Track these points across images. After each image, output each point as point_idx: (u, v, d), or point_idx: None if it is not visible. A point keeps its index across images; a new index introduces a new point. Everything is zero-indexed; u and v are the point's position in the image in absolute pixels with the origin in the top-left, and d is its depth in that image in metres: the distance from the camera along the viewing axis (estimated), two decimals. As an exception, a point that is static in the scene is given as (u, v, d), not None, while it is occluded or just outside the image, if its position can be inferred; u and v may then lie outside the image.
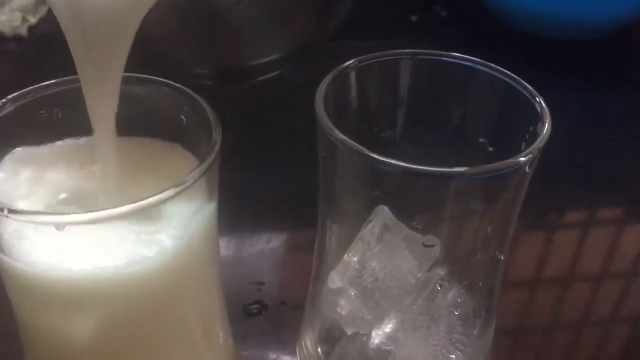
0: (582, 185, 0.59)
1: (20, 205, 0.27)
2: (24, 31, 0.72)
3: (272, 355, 0.43)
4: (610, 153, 0.63)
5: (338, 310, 0.34)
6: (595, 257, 0.51)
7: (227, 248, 0.50)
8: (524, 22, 0.74)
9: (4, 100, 0.29)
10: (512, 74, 0.32)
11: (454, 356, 0.31)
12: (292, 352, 0.41)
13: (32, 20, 0.73)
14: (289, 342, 0.42)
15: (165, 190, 0.25)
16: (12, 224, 0.25)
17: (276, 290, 0.48)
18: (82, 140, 0.31)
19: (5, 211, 0.24)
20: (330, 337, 0.36)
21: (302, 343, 0.40)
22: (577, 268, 0.50)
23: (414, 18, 0.79)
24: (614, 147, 0.64)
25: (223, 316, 0.35)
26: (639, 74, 0.74)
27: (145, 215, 0.26)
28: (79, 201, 0.28)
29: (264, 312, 0.46)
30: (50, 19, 0.75)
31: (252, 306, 0.46)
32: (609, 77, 0.73)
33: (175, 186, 0.25)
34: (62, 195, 0.29)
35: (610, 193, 0.58)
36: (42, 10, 0.75)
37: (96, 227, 0.25)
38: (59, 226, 0.24)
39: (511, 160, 0.27)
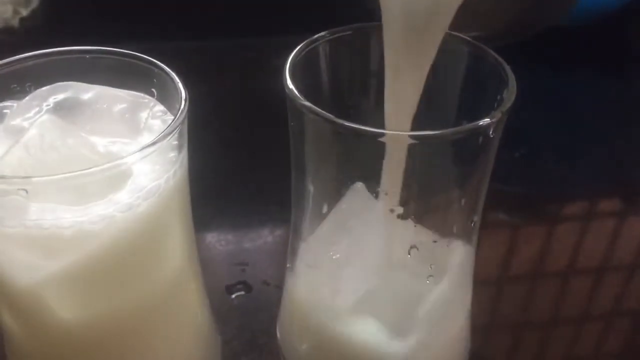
0: (580, 175, 0.59)
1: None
2: (15, 23, 0.73)
3: (255, 334, 0.43)
4: (609, 141, 0.63)
5: (312, 286, 0.34)
6: (595, 250, 0.51)
7: (212, 230, 0.51)
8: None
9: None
10: (479, 44, 0.32)
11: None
12: (274, 329, 0.42)
13: (24, 12, 0.74)
14: (271, 320, 0.42)
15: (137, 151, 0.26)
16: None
17: (260, 271, 0.48)
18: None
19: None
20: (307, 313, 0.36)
21: (282, 321, 0.40)
22: (578, 261, 0.50)
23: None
24: (613, 134, 0.64)
25: (198, 283, 0.35)
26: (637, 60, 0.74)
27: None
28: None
29: (247, 292, 0.46)
30: (41, 11, 0.76)
31: (236, 286, 0.47)
32: (599, 65, 0.73)
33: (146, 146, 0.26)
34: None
35: (609, 183, 0.58)
36: (34, 3, 0.75)
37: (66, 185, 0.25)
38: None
39: (474, 124, 0.28)
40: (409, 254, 0.31)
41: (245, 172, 0.57)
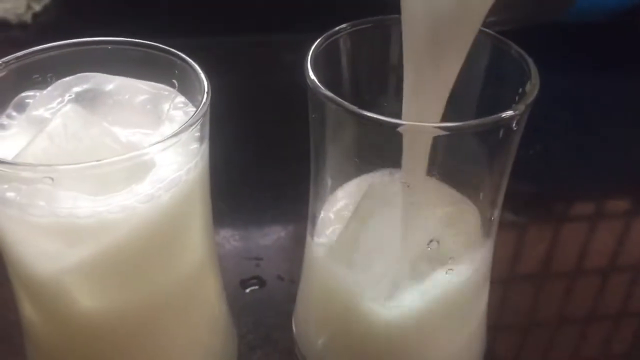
0: (590, 175, 0.59)
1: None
2: (28, 18, 0.73)
3: (270, 328, 0.43)
4: (622, 141, 0.63)
5: (331, 276, 0.34)
6: (602, 250, 0.50)
7: (227, 225, 0.51)
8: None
9: (-1, 62, 0.30)
10: (501, 37, 0.32)
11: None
12: (289, 323, 0.42)
13: (37, 7, 0.74)
14: (286, 314, 0.43)
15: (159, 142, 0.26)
16: (7, 174, 0.26)
17: (274, 266, 0.48)
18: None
19: None
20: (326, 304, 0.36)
21: (298, 315, 0.40)
22: (584, 261, 0.50)
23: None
24: (623, 134, 0.64)
25: (216, 276, 0.35)
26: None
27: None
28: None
29: (261, 286, 0.46)
30: (53, 6, 0.76)
31: (250, 281, 0.47)
32: (618, 63, 0.73)
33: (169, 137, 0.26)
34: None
35: (619, 183, 0.58)
36: (46, -2, 0.75)
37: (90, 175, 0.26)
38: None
39: (497, 116, 0.28)
40: (429, 246, 0.31)
41: (259, 167, 0.57)
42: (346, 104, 0.28)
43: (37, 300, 0.30)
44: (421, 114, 0.30)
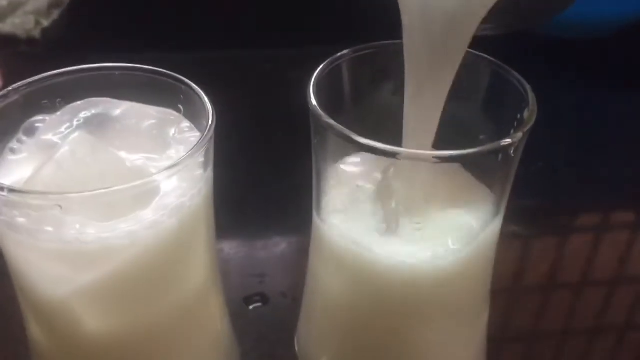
0: (594, 189, 0.59)
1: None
2: (37, 34, 0.74)
3: (273, 345, 0.44)
4: (622, 155, 0.63)
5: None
6: (608, 263, 0.51)
7: (231, 242, 0.51)
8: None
9: (9, 88, 0.31)
10: (501, 63, 0.33)
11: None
12: (292, 341, 0.42)
13: (45, 23, 0.75)
14: (289, 331, 0.43)
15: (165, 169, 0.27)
16: (17, 202, 0.26)
17: (278, 283, 0.48)
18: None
19: (5, 191, 0.25)
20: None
21: (301, 332, 0.41)
22: (590, 273, 0.50)
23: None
24: (626, 148, 0.64)
25: (219, 296, 0.36)
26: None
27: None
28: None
29: (265, 303, 0.47)
30: (62, 22, 0.77)
31: (254, 297, 0.47)
32: (620, 77, 0.73)
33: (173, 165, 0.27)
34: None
35: (623, 197, 0.58)
36: (55, 14, 0.76)
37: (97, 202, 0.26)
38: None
39: (495, 144, 0.28)
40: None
41: (262, 183, 0.57)
42: (347, 131, 0.29)
43: (44, 322, 0.31)
44: (419, 139, 0.30)
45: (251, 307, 0.47)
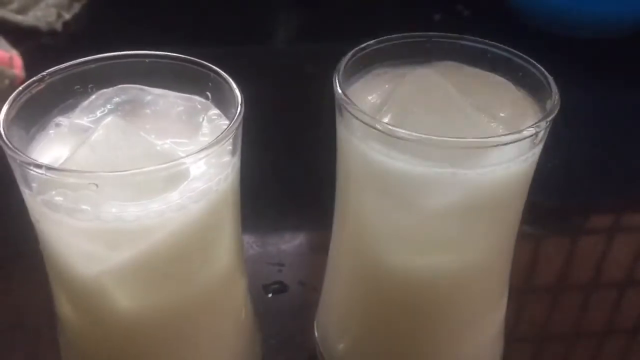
0: (609, 188, 0.59)
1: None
2: (58, 26, 0.75)
3: (292, 332, 0.45)
4: (636, 153, 0.64)
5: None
6: (619, 264, 0.51)
7: (250, 231, 0.52)
8: (546, 22, 0.75)
9: (44, 73, 0.32)
10: (524, 55, 0.33)
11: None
12: (311, 327, 0.43)
13: (67, 16, 0.76)
14: (308, 318, 0.44)
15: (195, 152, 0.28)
16: (54, 181, 0.27)
17: (296, 272, 0.49)
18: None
19: (43, 169, 0.26)
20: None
21: (320, 317, 0.42)
22: (601, 274, 0.50)
23: (437, 17, 0.81)
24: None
25: (244, 281, 0.36)
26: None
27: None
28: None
29: (283, 291, 0.48)
30: (83, 15, 0.78)
31: (272, 286, 0.48)
32: (633, 77, 0.73)
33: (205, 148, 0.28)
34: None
35: (637, 197, 0.59)
36: (76, 7, 0.78)
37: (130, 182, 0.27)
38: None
39: (519, 132, 0.29)
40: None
41: (282, 174, 0.58)
42: (374, 117, 0.30)
43: (76, 300, 0.32)
44: None
45: (270, 295, 0.47)
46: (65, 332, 0.34)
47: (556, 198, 0.57)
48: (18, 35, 0.70)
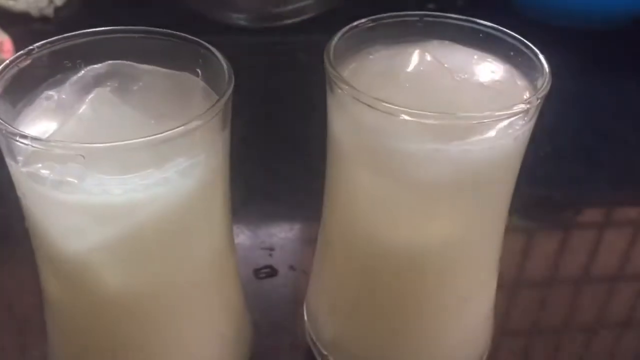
0: (600, 178, 0.59)
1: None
2: (50, 12, 0.75)
3: (282, 316, 0.45)
4: (631, 145, 0.64)
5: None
6: (610, 258, 0.51)
7: (241, 216, 0.52)
8: (539, 12, 0.75)
9: (32, 46, 0.31)
10: (516, 35, 0.33)
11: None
12: (301, 312, 0.43)
13: (58, 2, 0.76)
14: (298, 303, 0.44)
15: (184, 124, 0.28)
16: (41, 153, 0.27)
17: (286, 256, 0.49)
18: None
19: (29, 140, 0.26)
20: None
21: (310, 301, 0.41)
22: (592, 269, 0.50)
23: (430, 6, 0.81)
24: (635, 138, 0.64)
25: (233, 263, 0.36)
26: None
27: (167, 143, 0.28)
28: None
29: (273, 275, 0.48)
30: (75, 1, 0.78)
31: (263, 270, 0.48)
32: (626, 68, 0.73)
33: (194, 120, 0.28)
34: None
35: (630, 187, 0.59)
36: (68, -7, 0.77)
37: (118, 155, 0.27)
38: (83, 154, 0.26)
39: (511, 108, 0.29)
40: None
41: (274, 160, 0.58)
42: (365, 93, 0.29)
43: (63, 278, 0.31)
44: None
45: (260, 279, 0.47)
46: (52, 312, 0.34)
47: (547, 188, 0.57)
48: (9, 21, 0.69)
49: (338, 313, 0.38)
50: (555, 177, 0.59)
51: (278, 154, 0.59)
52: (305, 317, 0.42)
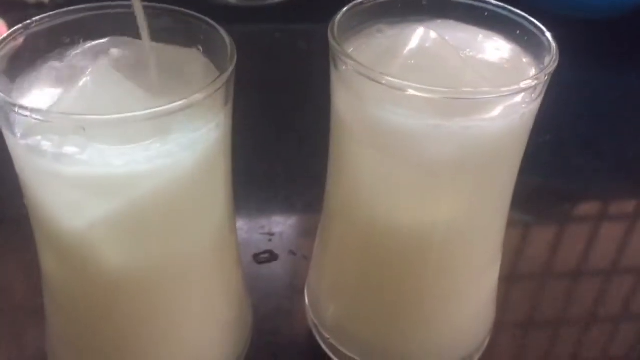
0: (599, 167, 0.59)
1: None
2: (45, -1, 0.74)
3: (282, 300, 0.44)
4: (630, 135, 0.63)
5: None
6: (606, 251, 0.51)
7: (241, 200, 0.51)
8: (543, 1, 0.74)
9: (31, 20, 0.31)
10: (523, 13, 0.33)
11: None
12: (301, 296, 0.42)
13: (54, -12, 0.75)
14: (298, 287, 0.43)
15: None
16: (41, 125, 0.26)
17: (286, 241, 0.49)
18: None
19: (28, 111, 0.25)
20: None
21: (310, 285, 0.41)
22: (588, 262, 0.50)
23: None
24: (634, 128, 0.64)
25: (234, 244, 0.36)
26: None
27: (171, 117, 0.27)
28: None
29: (274, 260, 0.47)
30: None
31: (263, 255, 0.48)
32: (628, 58, 0.73)
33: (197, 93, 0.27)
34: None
35: (628, 177, 0.59)
36: (64, -21, 0.76)
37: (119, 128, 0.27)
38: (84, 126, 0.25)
39: (518, 85, 0.28)
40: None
41: (275, 145, 0.58)
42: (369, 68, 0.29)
43: (62, 255, 0.31)
44: None
45: (260, 264, 0.47)
46: (52, 292, 0.33)
47: (546, 177, 0.57)
48: (5, 7, 0.69)
49: (339, 295, 0.38)
50: (555, 167, 0.59)
51: (279, 140, 0.58)
52: (307, 301, 0.42)
